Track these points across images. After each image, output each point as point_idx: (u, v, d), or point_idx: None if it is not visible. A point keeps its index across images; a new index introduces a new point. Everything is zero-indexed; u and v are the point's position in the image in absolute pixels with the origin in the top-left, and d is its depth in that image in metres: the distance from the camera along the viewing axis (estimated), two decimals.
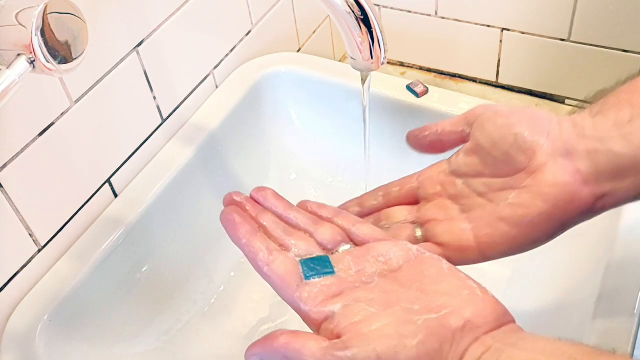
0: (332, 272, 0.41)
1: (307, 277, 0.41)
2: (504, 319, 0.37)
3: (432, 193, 0.47)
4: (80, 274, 0.56)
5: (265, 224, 0.45)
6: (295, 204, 0.48)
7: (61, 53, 0.41)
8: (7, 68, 0.39)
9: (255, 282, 0.70)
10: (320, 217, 0.46)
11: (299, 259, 0.42)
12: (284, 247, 0.43)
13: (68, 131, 0.55)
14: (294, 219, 0.45)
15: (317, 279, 0.40)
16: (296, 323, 0.68)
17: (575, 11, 0.77)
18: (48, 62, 0.40)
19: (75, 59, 0.42)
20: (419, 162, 0.50)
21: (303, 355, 0.37)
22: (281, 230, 0.44)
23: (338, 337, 0.37)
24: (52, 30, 0.40)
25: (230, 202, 0.46)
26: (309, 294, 0.39)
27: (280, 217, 0.46)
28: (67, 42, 0.42)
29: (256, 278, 0.74)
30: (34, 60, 0.39)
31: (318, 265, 0.41)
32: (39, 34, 0.39)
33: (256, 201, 0.47)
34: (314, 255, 0.42)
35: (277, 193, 0.48)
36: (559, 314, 0.57)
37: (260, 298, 0.70)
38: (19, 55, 0.39)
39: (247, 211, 0.45)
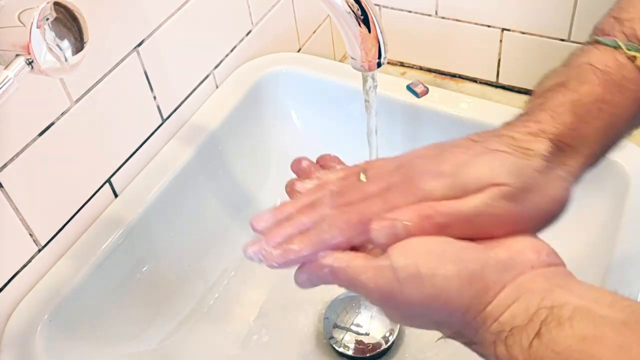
0: None
1: None
2: (555, 259, 0.37)
3: None
4: (80, 274, 0.57)
5: None
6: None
7: (60, 54, 0.41)
8: (5, 68, 0.39)
9: (255, 282, 0.70)
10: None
11: None
12: None
13: (68, 131, 0.55)
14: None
15: None
16: (295, 323, 0.68)
17: (575, 11, 0.76)
18: (46, 63, 0.40)
19: (74, 59, 0.42)
20: None
21: (349, 269, 0.38)
22: None
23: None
24: (51, 31, 0.40)
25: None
26: None
27: None
28: (66, 43, 0.42)
29: (256, 278, 0.73)
30: (32, 62, 0.39)
31: None
32: (37, 35, 0.39)
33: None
34: None
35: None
36: None
37: (260, 298, 0.70)
38: (17, 55, 0.39)
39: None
